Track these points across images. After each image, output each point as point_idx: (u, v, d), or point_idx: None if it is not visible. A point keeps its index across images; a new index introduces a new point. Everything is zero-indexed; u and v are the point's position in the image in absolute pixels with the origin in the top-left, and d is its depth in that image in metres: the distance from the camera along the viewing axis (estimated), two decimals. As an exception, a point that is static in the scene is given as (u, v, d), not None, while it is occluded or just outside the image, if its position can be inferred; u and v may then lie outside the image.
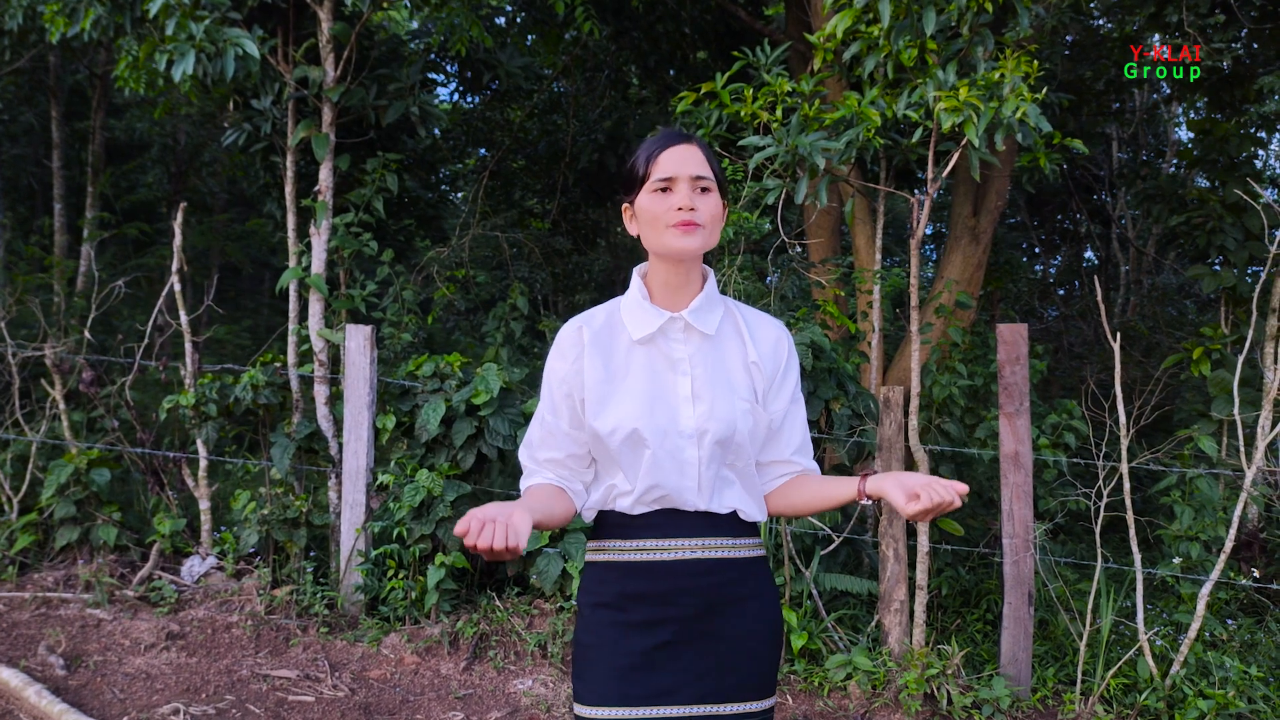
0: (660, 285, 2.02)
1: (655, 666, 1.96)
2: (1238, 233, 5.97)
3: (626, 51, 9.06)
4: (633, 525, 2.00)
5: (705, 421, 1.95)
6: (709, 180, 1.97)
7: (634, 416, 1.93)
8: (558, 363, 2.02)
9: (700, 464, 1.96)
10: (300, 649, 4.98)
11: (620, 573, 2.00)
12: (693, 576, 1.99)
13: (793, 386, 2.09)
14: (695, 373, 1.99)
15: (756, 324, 2.09)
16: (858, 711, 4.41)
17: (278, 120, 5.97)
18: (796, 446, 2.11)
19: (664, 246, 1.96)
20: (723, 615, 2.00)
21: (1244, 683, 4.30)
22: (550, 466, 2.04)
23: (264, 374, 5.67)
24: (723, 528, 2.02)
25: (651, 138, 2.04)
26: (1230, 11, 5.46)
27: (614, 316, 2.04)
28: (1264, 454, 4.46)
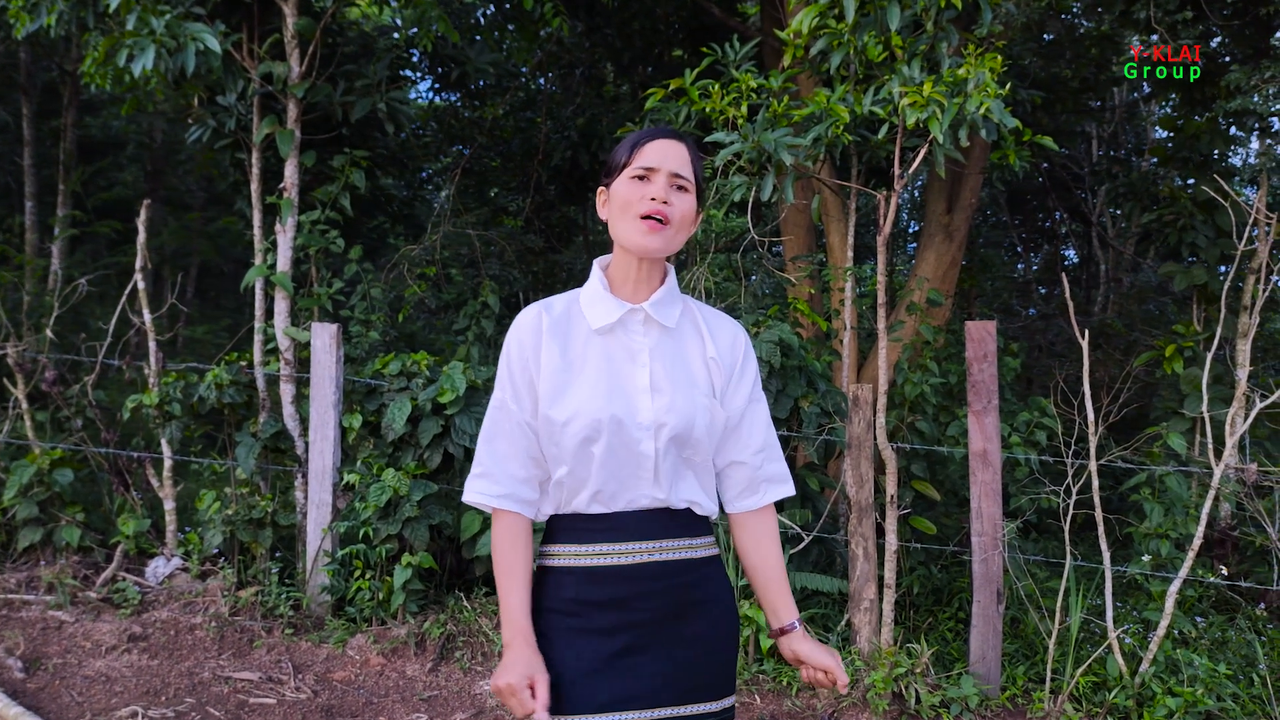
0: (621, 277, 2.00)
1: (616, 672, 1.93)
2: (1209, 230, 5.96)
3: (601, 49, 9.03)
4: (589, 529, 1.97)
5: (664, 414, 1.93)
6: (687, 181, 1.95)
7: (592, 406, 1.90)
8: (516, 348, 1.98)
9: (657, 456, 1.93)
10: (264, 651, 4.92)
11: (577, 579, 1.96)
12: (651, 580, 1.96)
13: (750, 384, 2.06)
14: (654, 365, 1.96)
15: (714, 321, 2.08)
16: (825, 711, 4.38)
17: (242, 116, 5.91)
18: (758, 447, 2.08)
19: (628, 238, 1.93)
20: (681, 618, 1.97)
21: (1213, 681, 4.29)
22: (511, 483, 1.98)
23: (229, 373, 5.61)
24: (678, 527, 1.99)
25: (640, 130, 2.02)
26: (1199, 8, 5.44)
27: (573, 306, 2.02)
28: (1233, 451, 4.45)
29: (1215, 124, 5.98)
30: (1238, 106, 5.21)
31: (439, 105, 9.82)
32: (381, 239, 8.11)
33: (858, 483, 4.57)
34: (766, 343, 4.89)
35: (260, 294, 5.96)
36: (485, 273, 7.61)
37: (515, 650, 1.91)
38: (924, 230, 7.09)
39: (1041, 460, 5.41)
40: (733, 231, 5.81)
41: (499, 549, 1.98)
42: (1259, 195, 5.62)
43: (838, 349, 5.72)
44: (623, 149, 1.99)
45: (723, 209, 5.14)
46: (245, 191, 6.23)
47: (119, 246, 12.02)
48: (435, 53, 7.20)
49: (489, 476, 1.99)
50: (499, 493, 1.98)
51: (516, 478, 1.98)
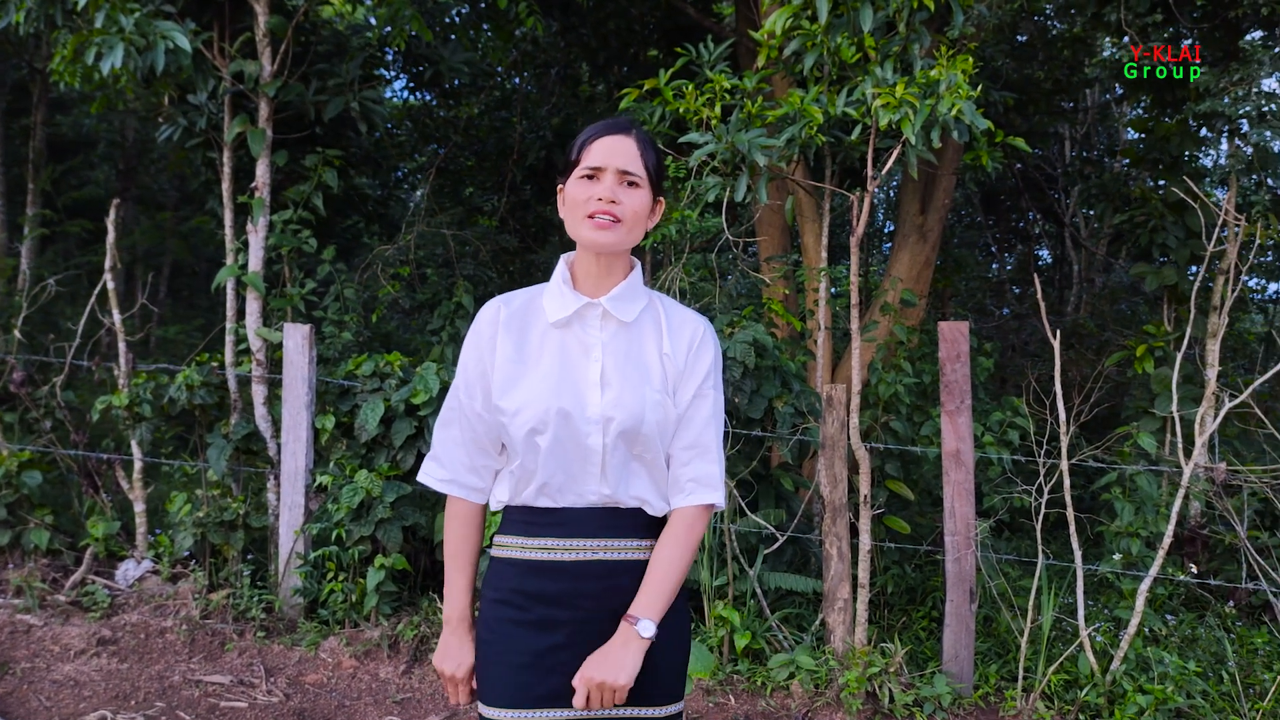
0: (584, 273, 2.01)
1: (549, 668, 1.93)
2: (1179, 231, 6.01)
3: (576, 48, 9.01)
4: (537, 522, 1.98)
5: (611, 409, 1.93)
6: (637, 176, 1.95)
7: (540, 398, 1.91)
8: (473, 340, 2.01)
9: (604, 451, 1.93)
10: (236, 654, 4.88)
11: (520, 570, 1.98)
12: (593, 579, 1.96)
13: (698, 379, 2.01)
14: (606, 360, 1.96)
15: (676, 317, 2.06)
16: (800, 711, 4.38)
17: (214, 115, 5.86)
18: (689, 442, 2.00)
19: (580, 236, 1.95)
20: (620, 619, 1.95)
21: (1183, 678, 4.32)
22: (457, 469, 2.04)
23: (200, 374, 5.56)
24: (626, 528, 1.99)
25: (592, 125, 2.02)
26: (1169, 11, 5.49)
27: (535, 300, 2.03)
28: (1202, 450, 4.49)
29: (1185, 126, 6.03)
30: (1207, 108, 5.25)
31: (413, 104, 9.78)
32: (355, 239, 8.07)
33: (832, 482, 4.58)
34: (741, 343, 4.90)
35: (232, 294, 5.92)
36: (460, 273, 7.58)
37: (458, 635, 2.05)
38: (898, 231, 7.12)
39: (1014, 459, 5.44)
40: (708, 231, 5.80)
41: (446, 532, 2.08)
42: (1228, 197, 5.67)
43: (812, 349, 5.73)
44: (573, 146, 1.99)
45: (697, 209, 5.14)
46: (217, 191, 6.18)
47: (89, 246, 11.91)
48: (409, 52, 7.16)
49: (438, 460, 2.06)
50: (445, 477, 2.05)
51: (462, 465, 2.03)
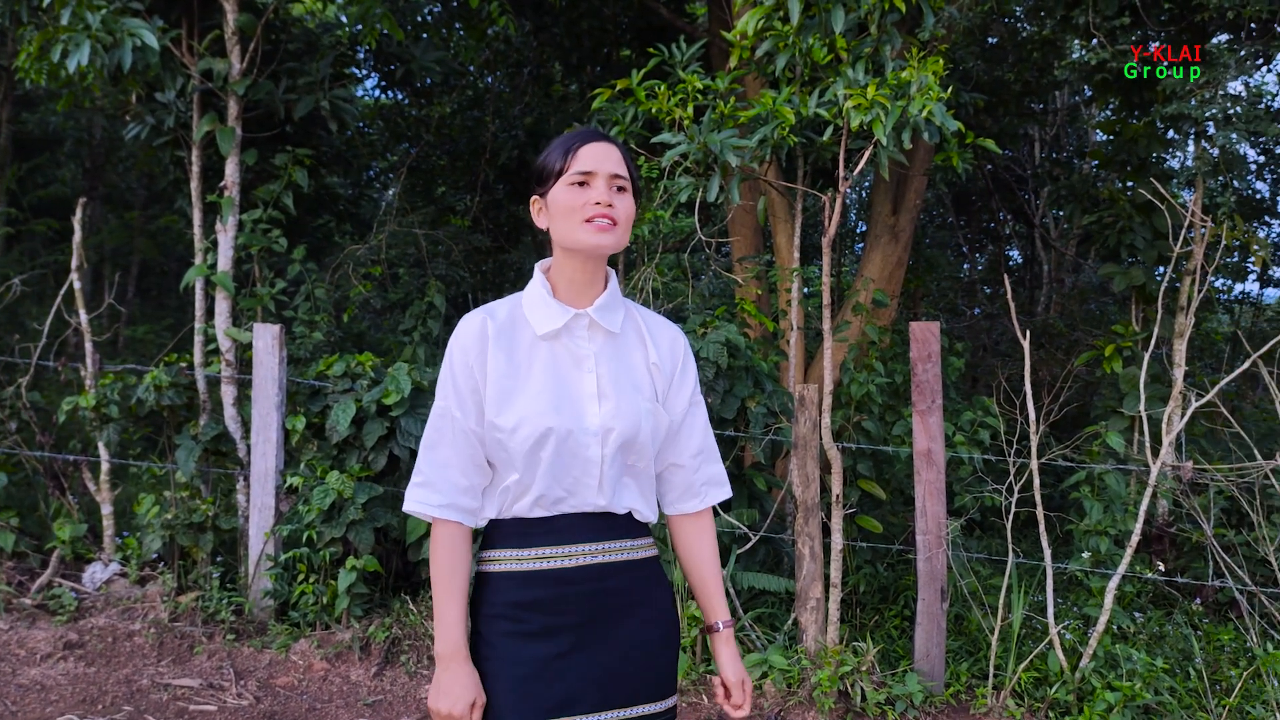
0: (566, 282, 1.99)
1: (556, 676, 1.92)
2: (1146, 232, 6.07)
3: (549, 48, 8.99)
4: (530, 533, 1.95)
5: (611, 420, 1.93)
6: (625, 181, 1.96)
7: (540, 413, 1.90)
8: (460, 355, 1.95)
9: (603, 462, 1.93)
10: (205, 657, 4.84)
11: (517, 582, 1.95)
12: (590, 582, 1.96)
13: (691, 388, 2.09)
14: (600, 370, 1.96)
15: (655, 326, 2.09)
16: (772, 710, 4.39)
17: (182, 114, 5.80)
18: (696, 450, 2.11)
19: (577, 241, 1.92)
20: (620, 619, 1.97)
21: (1150, 675, 4.36)
22: (452, 492, 1.95)
23: (168, 374, 5.51)
24: (619, 529, 2.00)
25: (567, 134, 2.00)
26: (1137, 14, 5.54)
27: (516, 311, 2.00)
28: (1169, 449, 4.53)
29: (1153, 128, 6.09)
30: (1174, 111, 5.30)
31: (385, 103, 9.73)
32: (326, 238, 8.02)
33: (804, 482, 4.59)
34: (714, 343, 4.90)
35: (201, 294, 5.86)
36: (432, 272, 7.55)
37: (454, 671, 1.90)
38: (870, 231, 7.15)
39: (985, 459, 5.48)
40: (680, 232, 5.81)
41: (438, 559, 1.95)
42: (1194, 198, 5.73)
43: (784, 349, 5.75)
44: (555, 155, 1.97)
45: (670, 209, 5.14)
46: (186, 190, 6.12)
47: (56, 245, 11.78)
48: (380, 50, 7.13)
49: (430, 485, 1.96)
50: (440, 502, 1.95)
51: (458, 486, 1.95)
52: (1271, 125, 5.24)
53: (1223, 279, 9.71)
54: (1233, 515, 5.73)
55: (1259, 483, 4.65)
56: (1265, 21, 5.35)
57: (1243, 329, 10.07)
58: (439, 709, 1.88)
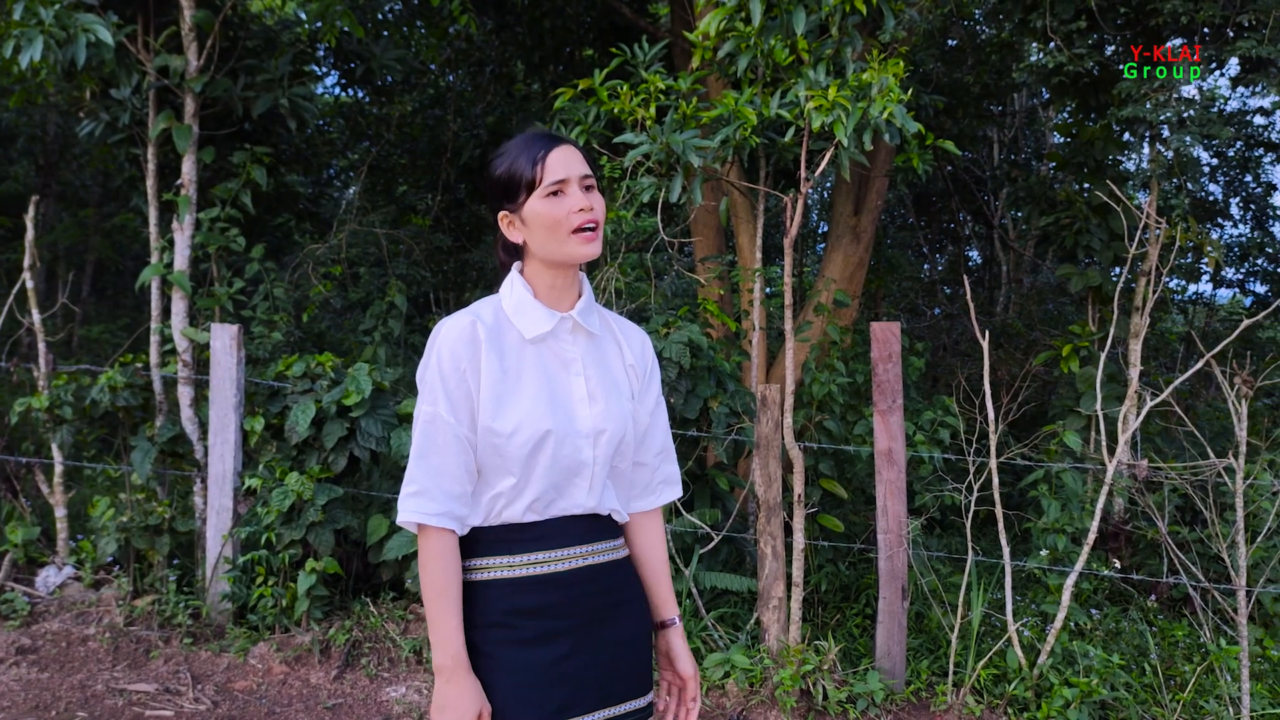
0: (547, 288, 1.98)
1: (557, 680, 1.91)
2: (1103, 233, 6.14)
3: (511, 47, 8.96)
4: (520, 539, 1.93)
5: (602, 421, 1.95)
6: (593, 180, 1.96)
7: (538, 417, 1.89)
8: (450, 359, 1.88)
9: (595, 464, 1.96)
10: (161, 661, 4.78)
11: (511, 589, 1.92)
12: (581, 585, 1.97)
13: (657, 389, 2.14)
14: (588, 373, 1.98)
15: (625, 328, 2.12)
16: (735, 709, 4.40)
17: (137, 110, 5.72)
18: (659, 448, 2.15)
19: (569, 255, 1.91)
20: (608, 619, 1.99)
21: (1107, 671, 4.41)
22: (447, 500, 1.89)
23: (123, 375, 5.43)
24: (604, 530, 2.03)
25: (522, 142, 1.96)
26: (1093, 18, 5.60)
27: (500, 315, 1.97)
28: (1125, 448, 4.59)
29: (1109, 130, 6.16)
30: (1129, 114, 5.37)
31: (345, 101, 9.65)
32: (286, 237, 7.94)
33: (766, 482, 4.61)
34: (676, 343, 4.90)
35: (157, 293, 5.78)
36: (393, 272, 7.50)
37: (457, 683, 1.85)
38: (831, 232, 7.19)
39: (945, 458, 5.52)
40: (643, 231, 5.81)
41: (432, 570, 1.88)
42: (1149, 200, 5.81)
43: (747, 349, 5.76)
44: (522, 167, 1.92)
45: (632, 209, 5.14)
46: (142, 188, 6.04)
47: (8, 243, 11.57)
48: (340, 48, 7.06)
49: (426, 494, 1.88)
50: (437, 510, 1.88)
51: (452, 494, 1.89)
52: (1224, 129, 5.33)
53: (1177, 280, 9.88)
54: (1186, 512, 5.82)
55: (1212, 480, 4.73)
56: (1218, 26, 5.43)
57: (1196, 329, 10.24)
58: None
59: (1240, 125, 10.41)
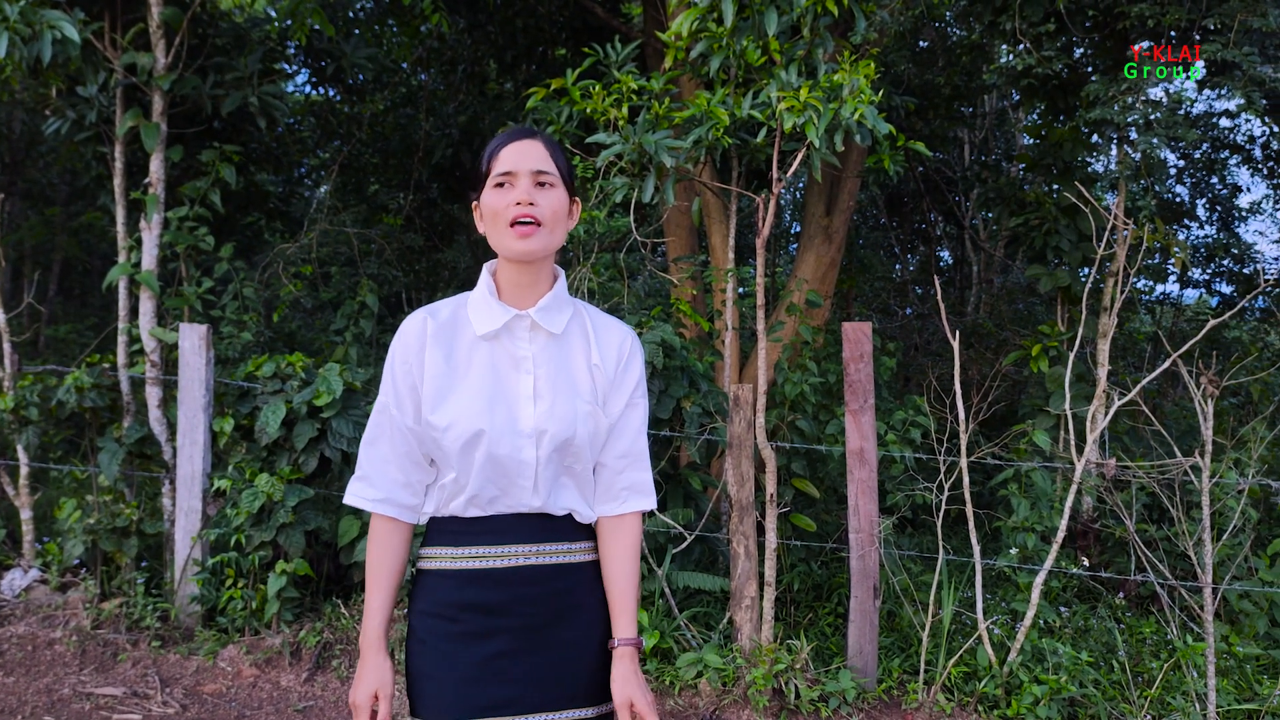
0: (509, 284, 1.98)
1: (493, 677, 1.91)
2: (1071, 234, 6.19)
3: (483, 46, 8.93)
4: (466, 531, 1.95)
5: (545, 421, 1.92)
6: (551, 176, 1.92)
7: (473, 414, 1.89)
8: (400, 353, 1.96)
9: (538, 464, 1.92)
10: (129, 664, 4.73)
11: (454, 582, 1.94)
12: (528, 584, 1.95)
13: (630, 389, 2.06)
14: (538, 372, 1.95)
15: (603, 327, 2.07)
16: (707, 709, 4.41)
17: (104, 108, 5.66)
18: (621, 452, 2.06)
19: (504, 248, 1.91)
20: (557, 622, 1.97)
21: (1075, 668, 4.46)
22: (389, 487, 1.98)
23: (90, 375, 5.37)
24: (559, 531, 1.99)
25: (499, 135, 1.98)
26: (1062, 21, 5.65)
27: (460, 311, 1.99)
28: (1094, 447, 4.63)
29: (1077, 132, 6.22)
30: (1097, 116, 5.42)
31: (316, 99, 9.58)
32: (256, 236, 7.87)
33: (739, 481, 4.62)
34: (649, 343, 4.91)
35: (125, 293, 5.72)
36: (364, 272, 7.46)
37: (366, 660, 1.96)
38: (803, 232, 7.21)
39: (916, 457, 5.55)
40: (616, 231, 5.80)
41: (369, 552, 1.99)
42: (1117, 201, 5.87)
43: (719, 349, 5.77)
44: (484, 159, 1.96)
45: (605, 209, 5.13)
46: (109, 186, 5.98)
47: (-27, 242, 11.40)
48: (310, 46, 7.02)
49: (368, 480, 1.99)
50: (376, 496, 1.98)
51: (395, 482, 1.98)
52: (1190, 131, 5.39)
53: (1144, 280, 9.98)
54: (1154, 511, 5.88)
55: (1179, 479, 4.78)
56: (1184, 29, 5.49)
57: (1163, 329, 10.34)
58: (350, 697, 1.96)
59: (1206, 128, 10.54)
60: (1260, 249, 14.35)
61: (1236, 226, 11.63)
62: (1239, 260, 11.18)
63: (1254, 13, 5.08)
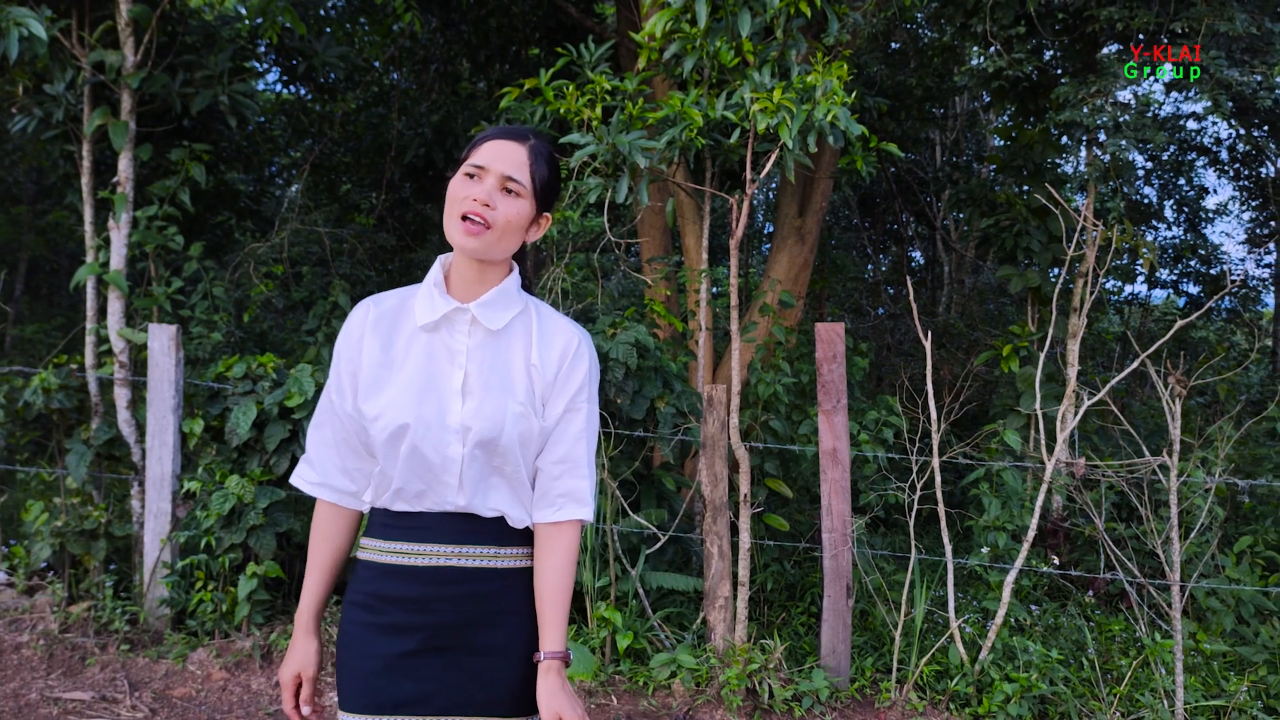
0: (457, 276, 1.96)
1: (401, 674, 1.89)
2: (1041, 235, 6.25)
3: (456, 45, 8.90)
4: (394, 525, 1.94)
5: (471, 418, 1.88)
6: (520, 186, 1.89)
7: (401, 406, 1.88)
8: (343, 341, 1.98)
9: (462, 461, 1.89)
10: (98, 669, 4.68)
11: (376, 573, 1.94)
12: (449, 584, 1.92)
13: (571, 393, 1.98)
14: (470, 367, 1.92)
15: (551, 328, 2.00)
16: (681, 709, 4.41)
17: (72, 106, 5.59)
18: (558, 457, 1.98)
19: (451, 237, 1.90)
20: (480, 627, 1.93)
21: (1046, 665, 4.49)
22: (328, 471, 2.01)
23: (58, 376, 5.31)
24: (486, 534, 1.95)
25: (496, 127, 1.97)
26: (1032, 24, 5.70)
27: (407, 302, 1.98)
28: (1063, 446, 4.68)
29: (1047, 134, 6.27)
30: (1067, 118, 5.47)
31: (287, 98, 9.52)
32: (226, 236, 7.80)
33: (712, 482, 4.62)
34: (623, 344, 4.90)
35: (93, 293, 5.66)
36: (336, 271, 7.41)
37: (295, 639, 2.03)
38: (776, 233, 7.23)
39: (889, 457, 5.59)
40: (589, 232, 5.80)
41: (311, 534, 2.05)
42: (1086, 203, 5.93)
43: (693, 350, 5.78)
44: (469, 145, 1.97)
45: (579, 209, 5.13)
46: (77, 185, 5.91)
47: (-63, 241, 11.28)
48: (282, 44, 6.97)
49: (309, 463, 2.04)
50: (315, 480, 2.03)
51: (335, 467, 2.00)
52: (1158, 133, 5.45)
53: (1113, 281, 10.08)
54: (1123, 509, 5.94)
55: (1147, 478, 4.83)
56: (1152, 32, 5.55)
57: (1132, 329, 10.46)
58: (278, 675, 2.03)
59: (1173, 130, 10.66)
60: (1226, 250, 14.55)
61: (1203, 228, 11.77)
62: (1206, 261, 11.32)
63: (1221, 17, 5.15)
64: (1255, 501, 6.52)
